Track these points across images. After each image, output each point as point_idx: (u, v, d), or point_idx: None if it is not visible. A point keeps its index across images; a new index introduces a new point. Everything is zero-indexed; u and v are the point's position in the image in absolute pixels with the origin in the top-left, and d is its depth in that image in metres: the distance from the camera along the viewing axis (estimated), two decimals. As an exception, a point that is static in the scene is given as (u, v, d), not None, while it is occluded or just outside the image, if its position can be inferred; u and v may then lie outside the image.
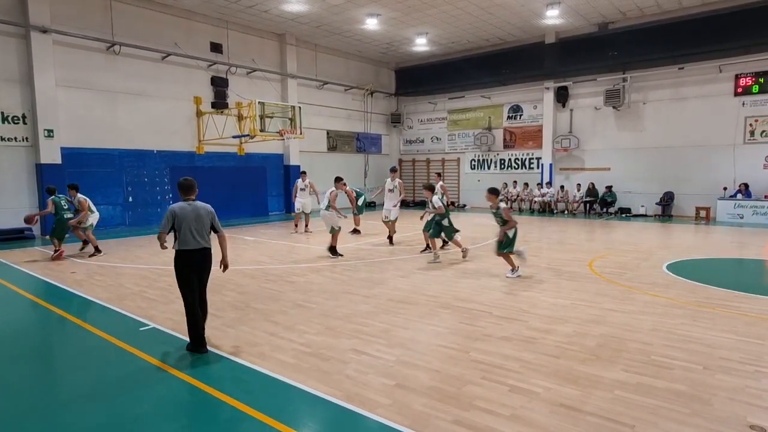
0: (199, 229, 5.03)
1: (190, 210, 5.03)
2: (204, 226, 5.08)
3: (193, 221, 4.99)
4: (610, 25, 18.76)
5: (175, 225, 4.97)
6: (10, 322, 6.45)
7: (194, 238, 5.00)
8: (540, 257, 10.34)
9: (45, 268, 9.60)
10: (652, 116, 18.67)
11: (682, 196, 18.04)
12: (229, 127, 17.25)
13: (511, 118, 22.53)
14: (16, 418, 3.79)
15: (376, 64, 24.88)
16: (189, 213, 5.00)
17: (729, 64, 16.75)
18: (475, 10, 17.19)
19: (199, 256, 5.05)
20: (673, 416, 3.60)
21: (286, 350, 5.04)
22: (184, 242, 4.98)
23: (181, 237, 4.98)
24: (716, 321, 5.84)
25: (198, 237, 5.02)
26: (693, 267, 9.21)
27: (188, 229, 4.96)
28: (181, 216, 4.96)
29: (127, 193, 16.09)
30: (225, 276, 8.66)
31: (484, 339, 5.30)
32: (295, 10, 16.96)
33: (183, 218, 4.96)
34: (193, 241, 4.99)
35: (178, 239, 5.01)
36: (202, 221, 5.06)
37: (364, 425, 3.60)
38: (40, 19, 13.69)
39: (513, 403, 3.82)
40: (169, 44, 16.57)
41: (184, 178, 5.21)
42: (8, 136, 13.59)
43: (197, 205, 5.10)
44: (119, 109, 15.67)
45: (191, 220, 4.98)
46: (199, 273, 5.12)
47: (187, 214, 4.99)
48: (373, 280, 8.28)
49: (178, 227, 4.96)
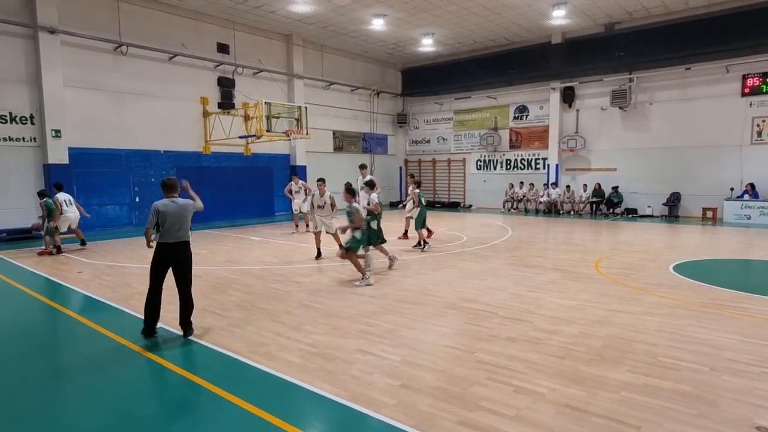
0: (181, 224, 5.50)
1: (174, 207, 5.49)
2: (186, 220, 5.56)
3: (175, 217, 5.45)
4: (616, 26, 18.68)
5: (159, 220, 5.43)
6: (17, 321, 6.52)
7: (175, 233, 5.47)
8: (546, 258, 10.33)
9: (52, 268, 9.68)
10: (658, 117, 18.58)
11: (689, 197, 17.94)
12: (235, 128, 17.32)
13: (517, 118, 22.48)
14: (20, 419, 3.83)
15: (383, 65, 24.90)
16: (172, 209, 5.46)
17: (736, 65, 16.65)
18: (482, 10, 17.17)
19: (179, 249, 5.50)
20: (679, 417, 3.59)
21: (292, 350, 5.06)
22: (165, 236, 5.45)
23: (162, 231, 5.45)
24: (722, 322, 5.82)
25: (179, 232, 5.49)
26: (699, 268, 9.16)
27: (171, 224, 5.43)
28: (164, 212, 5.42)
29: (134, 193, 16.18)
30: (231, 276, 8.74)
31: (490, 339, 5.30)
32: (301, 10, 17.01)
33: (167, 214, 5.42)
34: (174, 235, 5.46)
35: (159, 233, 5.48)
36: (185, 216, 5.55)
37: (370, 425, 3.62)
38: (48, 20, 13.80)
39: (518, 404, 3.83)
40: (176, 45, 16.66)
41: (167, 178, 5.77)
42: (16, 137, 13.71)
43: (179, 203, 5.57)
44: (126, 109, 15.77)
45: (174, 216, 5.44)
46: (177, 267, 5.53)
47: (171, 210, 5.45)
48: (378, 280, 8.28)
49: (162, 222, 5.43)
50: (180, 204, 5.54)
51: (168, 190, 5.61)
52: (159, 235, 5.48)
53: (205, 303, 6.93)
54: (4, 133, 13.48)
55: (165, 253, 5.47)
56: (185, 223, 5.55)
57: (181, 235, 5.52)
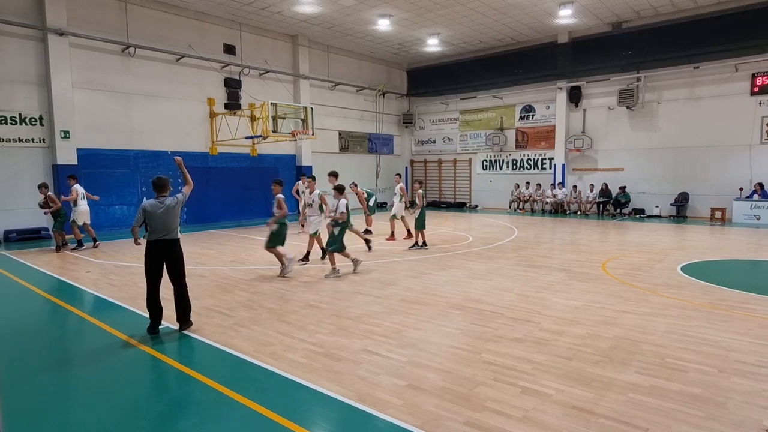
0: (167, 224, 5.67)
1: (160, 207, 5.67)
2: (173, 219, 5.71)
3: (161, 217, 5.64)
4: (623, 25, 18.59)
5: (146, 219, 5.67)
6: (27, 320, 6.58)
7: (162, 232, 5.66)
8: (552, 258, 10.29)
9: (61, 268, 9.76)
10: (666, 116, 18.45)
11: (697, 197, 17.81)
12: (242, 128, 17.39)
13: (524, 118, 22.41)
14: (28, 415, 3.87)
15: (388, 65, 24.91)
16: (158, 209, 5.66)
17: (745, 63, 16.51)
18: (488, 10, 17.14)
19: (166, 247, 5.68)
20: (687, 419, 3.57)
21: (297, 350, 5.07)
22: (153, 234, 5.67)
23: (150, 230, 5.68)
24: (731, 323, 5.77)
25: (164, 230, 5.66)
26: (708, 269, 9.09)
27: (157, 224, 5.64)
28: (150, 212, 5.65)
29: (142, 194, 16.27)
30: (237, 276, 8.77)
31: (496, 340, 5.28)
32: (307, 11, 17.05)
33: (152, 214, 5.64)
34: (161, 234, 5.66)
35: (148, 231, 5.70)
36: (172, 215, 5.70)
37: (376, 425, 3.61)
38: (57, 22, 13.92)
39: (525, 405, 3.81)
40: (183, 46, 16.74)
41: (158, 177, 5.89)
42: (26, 138, 13.84)
43: (166, 203, 5.71)
44: (134, 110, 15.87)
45: (160, 217, 5.64)
46: (169, 264, 5.71)
47: (156, 210, 5.65)
48: (384, 280, 8.29)
49: (149, 221, 5.65)
50: (166, 204, 5.70)
51: (157, 190, 5.79)
52: (148, 233, 5.70)
53: (211, 302, 6.96)
54: (14, 134, 13.63)
55: (154, 251, 5.66)
56: (171, 223, 5.71)
57: (168, 234, 5.69)
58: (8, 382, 4.48)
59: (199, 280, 8.46)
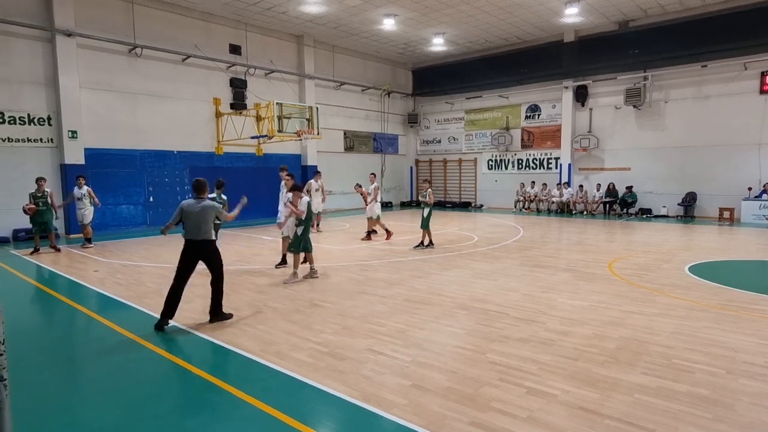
0: (199, 224, 5.83)
1: (197, 206, 5.86)
2: (205, 221, 5.85)
3: (195, 217, 5.82)
4: (630, 23, 18.48)
5: (182, 218, 5.89)
6: (36, 319, 6.62)
7: (195, 232, 5.85)
8: (558, 258, 10.25)
9: (69, 267, 9.83)
10: (674, 115, 18.33)
11: (705, 197, 17.67)
12: (247, 128, 17.44)
13: (529, 117, 22.33)
14: (36, 412, 3.89)
15: (393, 65, 24.89)
16: (195, 208, 5.85)
17: (754, 62, 16.36)
18: (493, 9, 17.08)
19: (199, 247, 5.89)
20: (694, 421, 3.54)
21: (303, 349, 5.08)
22: (188, 233, 5.90)
23: (185, 228, 5.91)
24: (740, 324, 5.72)
25: (196, 230, 5.85)
26: (716, 269, 9.02)
27: (190, 223, 5.85)
28: (187, 211, 5.88)
29: (148, 193, 16.36)
30: (243, 275, 8.79)
31: (502, 340, 5.27)
32: (313, 11, 17.07)
33: (189, 213, 5.86)
34: (193, 233, 5.86)
35: (184, 229, 5.92)
36: (204, 217, 5.84)
37: (380, 425, 3.61)
38: (65, 23, 14.01)
39: (530, 406, 3.80)
40: (189, 46, 16.81)
41: (197, 179, 6.10)
42: (34, 137, 13.94)
43: (204, 204, 5.90)
44: (140, 110, 15.95)
45: (195, 215, 5.82)
46: (205, 262, 5.97)
47: (193, 209, 5.85)
48: (389, 280, 8.28)
49: (185, 220, 5.88)
50: (201, 206, 5.87)
51: (196, 191, 6.02)
52: (184, 232, 5.94)
53: (217, 302, 6.97)
54: (23, 134, 13.73)
55: (188, 249, 5.90)
56: (204, 224, 5.86)
57: (200, 234, 5.86)
58: (16, 380, 4.51)
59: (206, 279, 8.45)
